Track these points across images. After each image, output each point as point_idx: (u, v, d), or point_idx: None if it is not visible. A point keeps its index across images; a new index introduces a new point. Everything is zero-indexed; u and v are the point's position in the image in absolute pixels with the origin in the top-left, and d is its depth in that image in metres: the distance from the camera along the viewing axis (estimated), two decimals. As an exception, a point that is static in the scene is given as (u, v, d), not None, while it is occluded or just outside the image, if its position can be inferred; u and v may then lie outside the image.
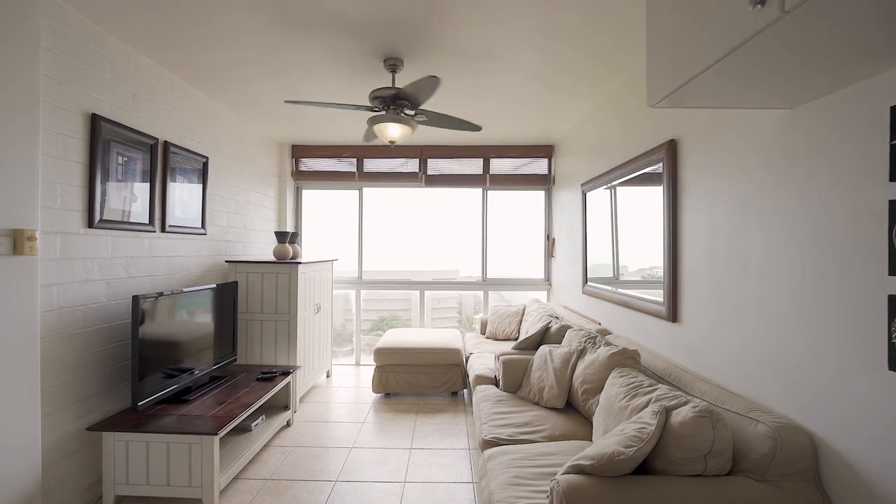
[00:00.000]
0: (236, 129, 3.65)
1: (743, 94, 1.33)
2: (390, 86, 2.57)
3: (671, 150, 2.18)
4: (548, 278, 4.77)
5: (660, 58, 1.37)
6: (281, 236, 3.72)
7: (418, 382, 3.74)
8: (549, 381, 2.50)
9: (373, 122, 2.59)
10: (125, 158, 2.40)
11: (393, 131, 2.56)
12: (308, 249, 4.83)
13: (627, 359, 2.17)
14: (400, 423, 3.24)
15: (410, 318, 5.33)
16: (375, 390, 3.74)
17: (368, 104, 2.65)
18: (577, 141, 3.85)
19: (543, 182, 4.65)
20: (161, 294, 2.38)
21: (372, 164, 4.67)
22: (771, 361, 1.54)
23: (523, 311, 4.25)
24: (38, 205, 1.81)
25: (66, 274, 2.07)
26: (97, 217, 2.20)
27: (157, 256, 2.67)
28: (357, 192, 4.81)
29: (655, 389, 1.76)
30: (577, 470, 1.42)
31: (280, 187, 4.50)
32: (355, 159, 4.66)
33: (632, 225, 2.74)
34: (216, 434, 2.10)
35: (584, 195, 3.52)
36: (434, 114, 2.62)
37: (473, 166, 4.67)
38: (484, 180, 4.63)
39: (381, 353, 3.72)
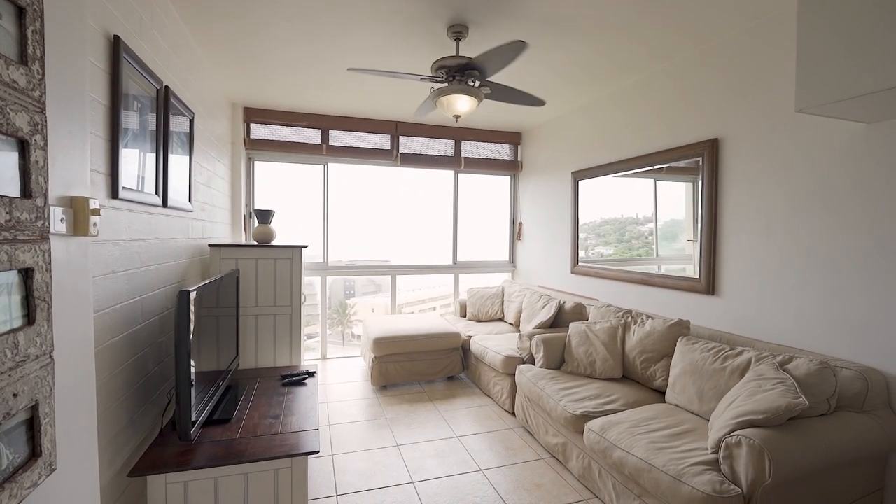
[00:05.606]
0: (206, 81, 2.91)
1: (873, 111, 1.66)
2: (455, 54, 2.40)
3: (713, 148, 2.54)
4: (512, 261, 5.01)
5: (819, 72, 1.61)
6: (262, 215, 3.14)
7: (418, 370, 3.61)
8: (599, 354, 2.70)
9: (439, 94, 2.37)
10: (140, 105, 1.75)
11: (462, 105, 2.39)
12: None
13: (684, 328, 2.49)
14: (423, 413, 3.10)
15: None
16: (375, 383, 3.49)
17: (429, 73, 2.42)
18: (561, 132, 4.09)
19: (512, 168, 4.82)
20: (196, 289, 1.83)
21: (339, 138, 4.21)
22: (839, 320, 1.97)
23: (502, 292, 4.41)
24: (88, 164, 1.24)
25: (97, 263, 1.46)
26: (120, 184, 1.58)
27: (161, 239, 2.03)
28: (322, 167, 4.28)
29: (743, 351, 2.09)
30: (749, 424, 1.63)
31: (234, 157, 3.74)
32: (320, 130, 4.14)
33: (649, 210, 3.09)
34: (316, 452, 1.75)
35: (577, 182, 3.80)
36: (499, 86, 2.49)
37: (446, 147, 4.58)
38: (458, 162, 4.59)
39: (381, 343, 3.46)
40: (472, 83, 2.44)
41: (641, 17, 2.25)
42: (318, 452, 1.75)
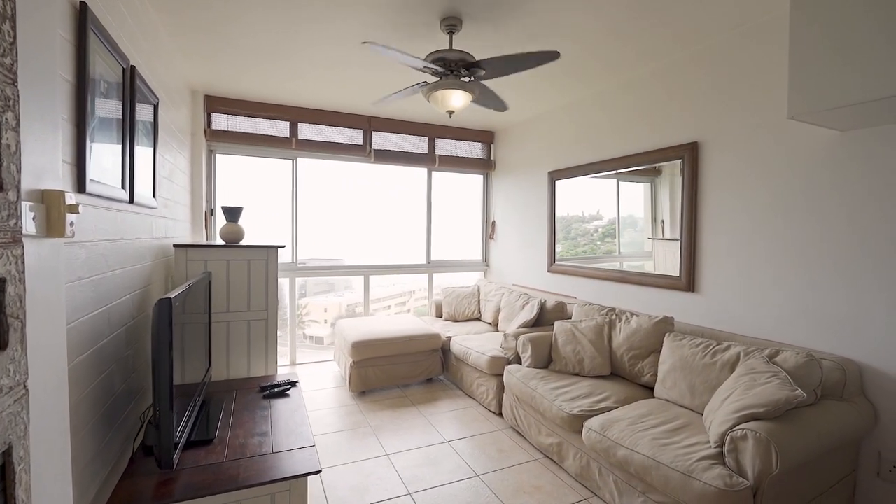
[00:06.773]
0: (170, 65, 2.61)
1: (853, 120, 1.77)
2: (450, 48, 2.31)
3: (693, 151, 2.63)
4: (485, 259, 4.99)
5: (812, 81, 1.69)
6: (231, 213, 2.89)
7: (398, 373, 3.50)
8: (587, 352, 2.72)
9: (433, 88, 2.28)
10: (106, 85, 1.52)
11: (457, 100, 2.31)
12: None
13: (669, 325, 2.56)
14: (408, 418, 2.99)
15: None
16: (354, 389, 3.33)
17: (430, 63, 2.31)
18: (539, 131, 4.10)
19: (485, 167, 4.80)
20: (177, 295, 1.63)
21: (310, 131, 3.98)
22: (818, 314, 2.09)
23: (478, 291, 4.37)
24: (60, 151, 1.05)
25: (65, 269, 1.23)
26: (87, 176, 1.36)
27: (126, 239, 1.79)
28: (290, 162, 4.03)
29: (730, 346, 2.17)
30: (750, 417, 1.69)
31: (195, 149, 3.41)
32: (288, 122, 3.89)
33: (627, 209, 3.17)
34: (318, 471, 1.61)
35: (553, 182, 3.83)
36: (484, 86, 2.46)
37: (420, 144, 4.47)
38: (432, 160, 4.50)
39: (360, 347, 3.31)
40: (465, 79, 2.37)
41: (635, 18, 2.27)
42: (319, 472, 1.61)
